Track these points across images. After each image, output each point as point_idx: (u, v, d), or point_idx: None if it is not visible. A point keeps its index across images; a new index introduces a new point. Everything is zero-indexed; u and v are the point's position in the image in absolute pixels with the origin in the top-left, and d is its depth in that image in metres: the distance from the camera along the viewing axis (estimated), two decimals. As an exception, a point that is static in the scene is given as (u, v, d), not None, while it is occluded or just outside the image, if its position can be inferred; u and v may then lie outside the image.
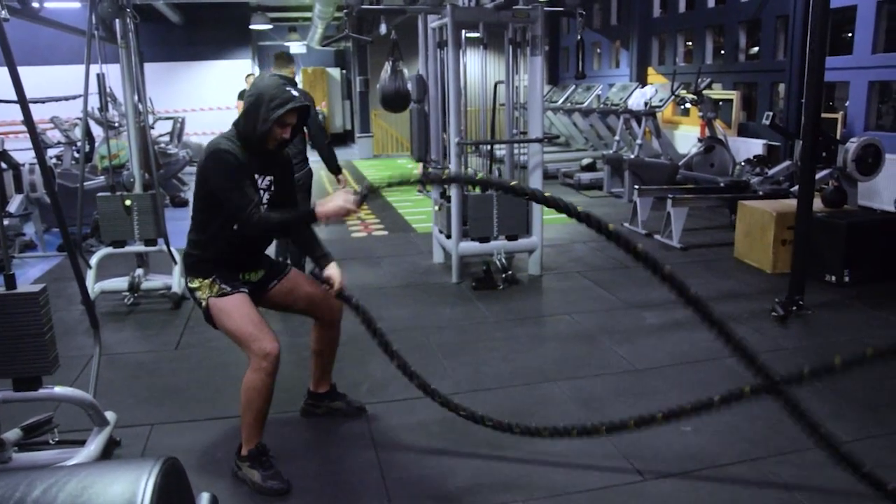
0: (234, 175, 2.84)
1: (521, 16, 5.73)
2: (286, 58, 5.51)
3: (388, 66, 7.32)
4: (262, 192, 3.02)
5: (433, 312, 5.32)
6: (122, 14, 5.23)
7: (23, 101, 2.97)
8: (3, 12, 2.84)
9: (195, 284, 3.01)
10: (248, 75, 13.60)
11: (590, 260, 6.71)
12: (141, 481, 0.81)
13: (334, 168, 5.64)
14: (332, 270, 3.14)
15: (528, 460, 3.20)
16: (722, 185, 7.85)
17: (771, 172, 7.84)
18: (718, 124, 9.71)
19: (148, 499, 0.79)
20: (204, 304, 2.98)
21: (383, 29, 12.28)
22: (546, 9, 5.99)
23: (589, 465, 3.14)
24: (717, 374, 4.06)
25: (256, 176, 2.99)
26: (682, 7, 12.07)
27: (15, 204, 6.98)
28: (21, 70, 2.92)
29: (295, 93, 2.94)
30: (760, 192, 7.33)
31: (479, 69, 5.99)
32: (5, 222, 6.61)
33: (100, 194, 5.54)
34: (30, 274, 6.49)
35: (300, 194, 5.83)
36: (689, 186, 8.34)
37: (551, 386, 3.98)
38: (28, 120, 3.00)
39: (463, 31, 5.80)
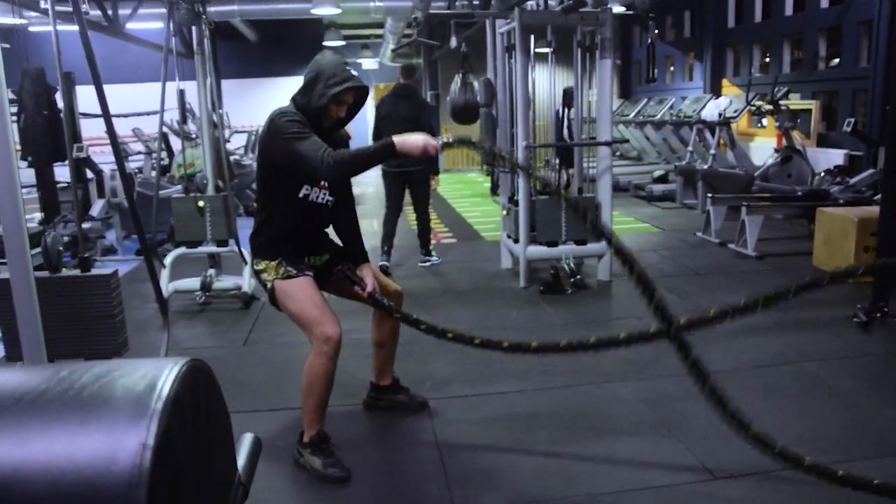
0: (300, 127, 2.82)
1: (589, 18, 5.67)
2: (411, 69, 6.90)
3: (457, 79, 7.36)
4: None
5: (499, 315, 5.27)
6: (199, 21, 5.43)
7: (106, 113, 3.11)
8: (86, 7, 2.93)
9: (261, 266, 3.03)
10: None
11: (661, 267, 6.54)
12: (165, 369, 0.80)
13: (434, 169, 6.78)
14: (366, 272, 3.18)
15: (592, 457, 3.12)
16: (799, 193, 7.56)
17: (853, 181, 7.52)
18: (796, 134, 9.39)
19: (169, 383, 0.78)
20: (269, 285, 3.00)
21: (454, 42, 12.34)
22: (615, 12, 5.92)
23: (656, 463, 3.03)
24: (789, 378, 3.90)
25: None
26: (758, 16, 11.77)
27: (97, 208, 7.27)
28: (108, 87, 3.06)
29: (354, 72, 2.96)
30: (841, 201, 7.04)
31: (547, 83, 5.95)
32: (87, 225, 6.90)
33: (174, 196, 5.71)
34: (109, 275, 6.73)
35: (420, 184, 6.63)
36: (764, 195, 8.06)
37: (617, 386, 3.88)
38: (110, 130, 3.13)
39: (532, 40, 5.78)
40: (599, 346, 2.92)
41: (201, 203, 5.52)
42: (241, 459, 1.15)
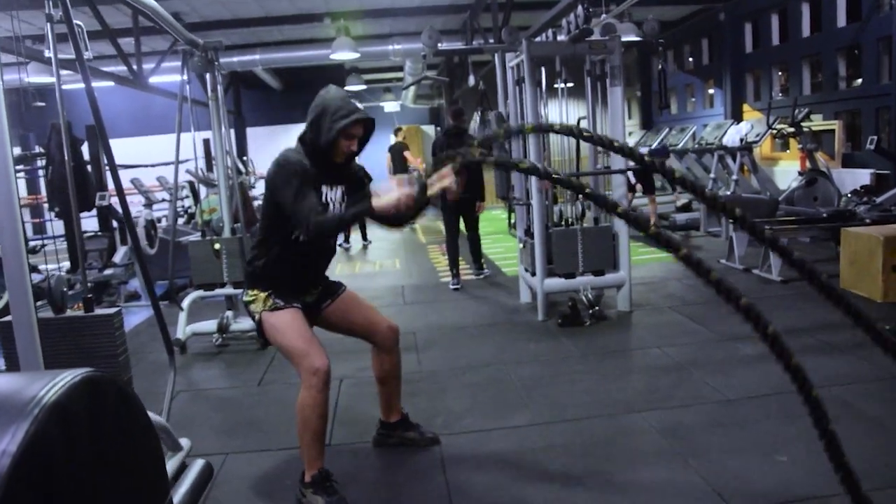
0: (298, 181, 2.81)
1: (598, 47, 5.67)
2: (460, 111, 7.67)
3: (476, 117, 7.43)
4: (333, 203, 3.03)
5: (517, 348, 5.19)
6: (212, 68, 5.53)
7: (112, 165, 3.19)
8: (88, 53, 3.00)
9: (250, 298, 3.02)
10: (397, 129, 14.18)
11: (683, 296, 6.43)
12: (55, 378, 0.77)
13: (480, 196, 7.52)
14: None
15: (606, 489, 3.01)
16: (824, 215, 7.41)
17: (879, 200, 7.36)
18: (820, 156, 9.24)
19: (53, 391, 0.75)
20: (257, 317, 2.99)
21: (472, 80, 12.47)
22: (625, 40, 5.91)
23: (672, 494, 2.92)
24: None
25: (325, 188, 2.99)
26: (775, 40, 11.71)
27: (119, 254, 7.36)
28: (136, 139, 3.15)
29: (360, 105, 2.96)
30: (868, 220, 6.87)
31: (561, 115, 5.94)
32: (110, 271, 6.99)
33: (191, 240, 5.76)
34: (132, 320, 6.77)
35: (469, 210, 7.50)
36: (789, 219, 7.91)
37: (635, 417, 3.77)
38: (116, 178, 3.20)
39: (543, 73, 5.80)
40: None
41: (217, 246, 5.56)
42: (186, 484, 1.11)
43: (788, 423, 3.54)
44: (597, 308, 5.74)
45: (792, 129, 9.19)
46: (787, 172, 10.98)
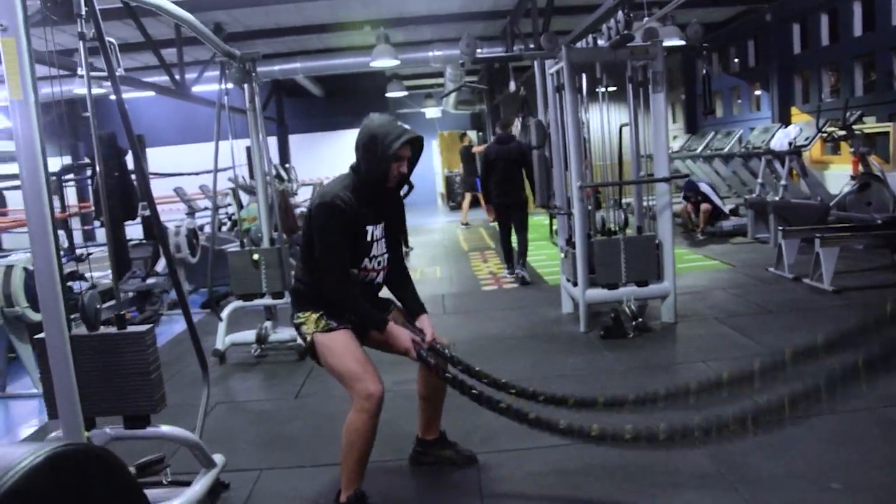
0: (338, 235, 2.83)
1: (639, 52, 5.52)
2: (510, 122, 8.69)
3: (517, 123, 7.36)
4: (376, 241, 3.00)
5: (556, 362, 5.08)
6: (249, 79, 5.54)
7: (143, 175, 3.19)
8: (119, 69, 3.00)
9: (301, 319, 2.99)
10: (462, 135, 14.74)
11: (729, 306, 6.23)
12: (17, 459, 0.70)
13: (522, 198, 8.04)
14: (425, 323, 3.15)
15: (648, 515, 2.90)
16: (879, 221, 7.13)
17: (938, 206, 7.06)
18: (874, 159, 8.91)
19: (10, 477, 0.68)
20: (308, 339, 2.95)
21: (512, 86, 12.38)
22: (668, 45, 5.76)
23: (718, 522, 2.79)
24: (869, 425, 3.57)
25: (369, 227, 2.96)
26: (824, 40, 11.37)
27: (162, 263, 7.44)
28: (180, 147, 3.15)
29: (406, 126, 2.91)
30: (926, 228, 6.60)
31: (601, 122, 5.82)
32: (151, 280, 7.06)
33: (230, 250, 5.78)
34: (174, 329, 6.84)
35: (517, 210, 8.01)
36: (840, 225, 7.63)
37: (679, 436, 3.62)
38: (147, 191, 3.19)
39: (583, 79, 5.69)
40: None
41: (256, 256, 5.57)
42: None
43: (843, 447, 3.38)
44: (640, 319, 5.59)
45: (843, 132, 8.89)
46: (838, 177, 10.63)
